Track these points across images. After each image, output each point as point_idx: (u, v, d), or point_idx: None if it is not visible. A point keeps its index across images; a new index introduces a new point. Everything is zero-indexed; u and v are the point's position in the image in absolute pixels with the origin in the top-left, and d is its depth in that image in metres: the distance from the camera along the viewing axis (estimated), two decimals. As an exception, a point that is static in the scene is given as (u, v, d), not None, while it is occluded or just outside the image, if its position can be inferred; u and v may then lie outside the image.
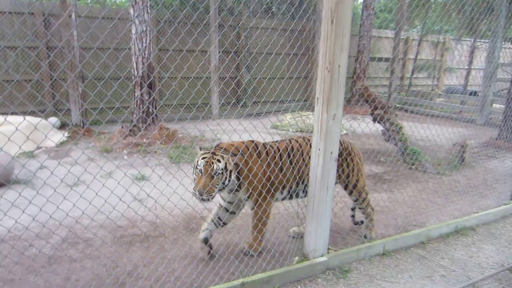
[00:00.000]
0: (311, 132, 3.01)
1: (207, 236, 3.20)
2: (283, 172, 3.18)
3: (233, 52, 10.80)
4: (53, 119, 7.65)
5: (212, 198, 2.79)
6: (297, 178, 3.27)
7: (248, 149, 3.07)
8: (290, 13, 10.49)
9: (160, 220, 3.82)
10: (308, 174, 3.08)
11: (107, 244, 3.44)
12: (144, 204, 3.88)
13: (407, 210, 4.41)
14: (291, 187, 3.29)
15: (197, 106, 9.52)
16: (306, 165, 3.24)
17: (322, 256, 3.08)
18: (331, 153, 2.85)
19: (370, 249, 3.34)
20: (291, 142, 3.35)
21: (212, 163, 2.78)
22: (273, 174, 3.13)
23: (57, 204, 2.70)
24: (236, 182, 2.97)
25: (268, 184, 3.11)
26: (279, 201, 3.42)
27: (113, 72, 8.58)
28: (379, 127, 6.04)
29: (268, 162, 3.13)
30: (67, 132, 7.32)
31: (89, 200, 2.78)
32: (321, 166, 2.85)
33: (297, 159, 3.25)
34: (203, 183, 2.73)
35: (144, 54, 6.90)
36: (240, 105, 10.94)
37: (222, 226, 3.31)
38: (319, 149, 2.85)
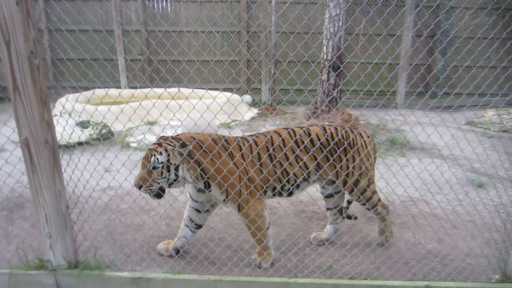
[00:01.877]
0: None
1: (181, 247, 3.00)
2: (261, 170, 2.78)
3: (427, 35, 9.86)
4: (247, 97, 8.55)
5: (154, 192, 2.62)
6: (280, 177, 2.82)
7: (215, 145, 2.71)
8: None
9: None
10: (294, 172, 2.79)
11: (289, 216, 3.70)
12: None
13: None
14: (274, 188, 2.87)
15: (377, 92, 9.13)
16: (291, 163, 2.81)
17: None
18: None
19: None
20: (270, 136, 2.87)
21: (152, 155, 2.57)
22: (249, 172, 2.74)
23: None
24: (201, 180, 2.68)
25: (248, 184, 2.72)
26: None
27: (303, 56, 8.97)
28: None
29: (243, 159, 2.75)
30: (257, 109, 8.09)
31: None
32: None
33: (280, 155, 2.80)
34: (139, 176, 2.57)
35: (335, 37, 6.95)
36: (428, 94, 9.98)
37: (196, 228, 3.03)
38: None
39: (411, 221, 3.54)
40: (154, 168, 2.57)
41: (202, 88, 8.14)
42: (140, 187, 2.57)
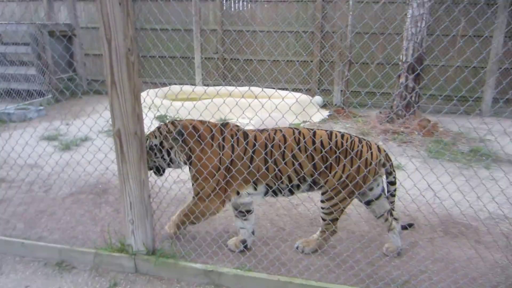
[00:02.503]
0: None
1: (245, 239, 3.10)
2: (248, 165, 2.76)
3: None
4: (318, 98, 8.43)
5: (153, 170, 2.94)
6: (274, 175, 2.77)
7: (208, 133, 2.81)
8: None
9: (408, 212, 3.67)
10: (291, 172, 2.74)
11: (361, 223, 3.57)
12: (398, 192, 3.80)
13: None
14: (268, 185, 2.83)
15: (457, 97, 8.49)
16: (286, 163, 2.74)
17: None
18: None
19: None
20: (274, 133, 2.85)
21: (148, 138, 2.86)
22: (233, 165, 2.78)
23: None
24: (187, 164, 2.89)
25: (219, 179, 2.77)
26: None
27: (378, 57, 8.64)
28: None
29: (232, 152, 2.78)
30: (327, 111, 7.95)
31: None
32: None
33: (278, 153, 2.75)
34: None
35: (417, 39, 6.59)
36: (518, 102, 9.08)
37: (245, 215, 3.05)
38: None
39: (502, 240, 3.23)
40: (149, 149, 2.86)
41: (272, 88, 8.18)
42: None
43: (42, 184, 4.28)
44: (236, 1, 9.50)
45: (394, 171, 3.00)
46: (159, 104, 5.52)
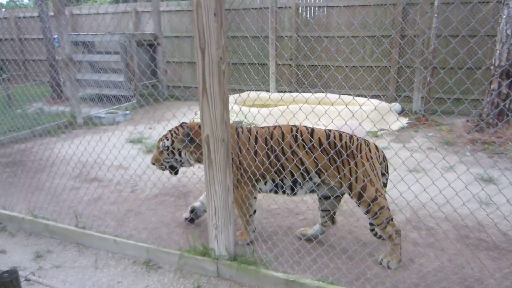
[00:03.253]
0: None
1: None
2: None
3: None
4: (397, 105, 8.03)
5: (167, 170, 3.29)
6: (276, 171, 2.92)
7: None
8: None
9: (502, 231, 3.31)
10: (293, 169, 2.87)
11: (450, 240, 3.29)
12: (489, 208, 3.46)
13: None
14: (273, 180, 3.00)
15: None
16: (287, 159, 2.87)
17: None
18: None
19: None
20: (274, 130, 2.99)
21: (162, 140, 3.21)
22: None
23: (394, 184, 2.94)
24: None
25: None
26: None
27: (465, 62, 8.00)
28: None
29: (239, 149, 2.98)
30: (407, 119, 7.53)
31: (428, 188, 2.70)
32: None
33: (278, 149, 2.90)
34: (153, 157, 3.26)
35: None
36: None
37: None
38: None
39: None
40: (162, 150, 3.19)
41: (349, 94, 7.96)
42: (154, 165, 3.26)
43: (128, 184, 4.57)
44: (313, 7, 9.42)
45: (388, 172, 3.08)
46: (238, 111, 5.63)
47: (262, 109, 6.58)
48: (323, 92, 3.12)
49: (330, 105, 3.29)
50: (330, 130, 2.92)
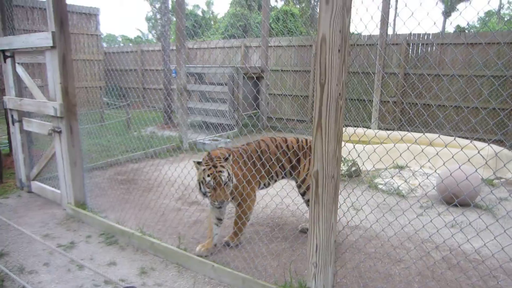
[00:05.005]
0: None
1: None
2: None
3: None
4: (517, 152, 7.13)
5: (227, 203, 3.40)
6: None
7: (232, 155, 3.48)
8: None
9: None
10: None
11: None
12: None
13: None
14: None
15: None
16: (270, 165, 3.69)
17: None
18: None
19: None
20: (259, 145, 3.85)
21: (220, 173, 3.20)
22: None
23: None
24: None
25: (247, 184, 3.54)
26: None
27: None
28: None
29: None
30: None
31: None
32: None
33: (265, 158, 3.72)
34: (223, 194, 3.22)
35: None
36: None
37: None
38: None
39: None
40: (225, 183, 3.23)
41: (465, 138, 7.34)
42: (222, 204, 3.26)
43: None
44: (423, 44, 9.03)
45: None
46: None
47: (367, 146, 6.39)
48: (435, 133, 2.89)
49: (443, 147, 3.05)
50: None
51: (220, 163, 3.27)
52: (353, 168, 6.16)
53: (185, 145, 7.72)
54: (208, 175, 3.21)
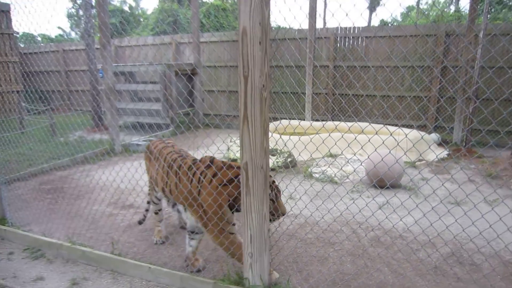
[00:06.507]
0: None
1: None
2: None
3: None
4: (434, 136, 7.80)
5: None
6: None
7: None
8: None
9: None
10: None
11: (497, 277, 3.07)
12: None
13: None
14: None
15: None
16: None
17: None
18: None
19: None
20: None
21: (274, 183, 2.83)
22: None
23: (439, 215, 2.82)
24: None
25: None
26: None
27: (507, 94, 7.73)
28: None
29: None
30: (447, 150, 7.26)
31: (469, 221, 2.65)
32: None
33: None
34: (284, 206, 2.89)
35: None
36: None
37: None
38: None
39: None
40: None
41: (391, 124, 7.86)
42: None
43: (164, 211, 4.58)
44: (350, 38, 9.49)
45: None
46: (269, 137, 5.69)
47: (293, 136, 6.61)
48: (366, 122, 3.07)
49: (360, 133, 3.26)
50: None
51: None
52: (289, 159, 6.32)
53: (117, 148, 7.40)
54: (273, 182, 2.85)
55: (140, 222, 4.04)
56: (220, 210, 2.82)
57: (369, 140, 2.93)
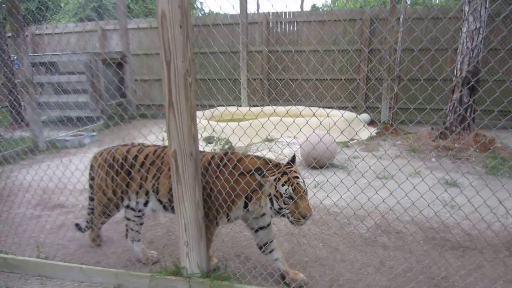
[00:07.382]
0: None
1: None
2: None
3: None
4: (365, 115, 8.21)
5: None
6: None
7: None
8: None
9: (476, 232, 3.42)
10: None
11: (418, 242, 3.35)
12: (453, 210, 3.57)
13: None
14: None
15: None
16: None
17: None
18: None
19: None
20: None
21: (297, 182, 2.39)
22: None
23: (367, 190, 2.97)
24: None
25: None
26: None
27: (430, 74, 8.31)
28: None
29: None
30: (376, 129, 7.69)
31: (395, 192, 2.83)
32: None
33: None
34: (310, 206, 2.38)
35: (472, 53, 6.35)
36: None
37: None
38: None
39: None
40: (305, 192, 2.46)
41: (317, 106, 8.10)
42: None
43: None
44: (283, 23, 9.59)
45: None
46: (206, 125, 5.59)
47: (231, 122, 6.60)
48: (292, 104, 3.12)
49: (297, 116, 3.31)
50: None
51: (288, 168, 2.46)
52: (227, 146, 6.30)
53: (41, 145, 6.87)
54: (295, 177, 2.39)
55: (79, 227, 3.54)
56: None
57: (307, 122, 2.97)
